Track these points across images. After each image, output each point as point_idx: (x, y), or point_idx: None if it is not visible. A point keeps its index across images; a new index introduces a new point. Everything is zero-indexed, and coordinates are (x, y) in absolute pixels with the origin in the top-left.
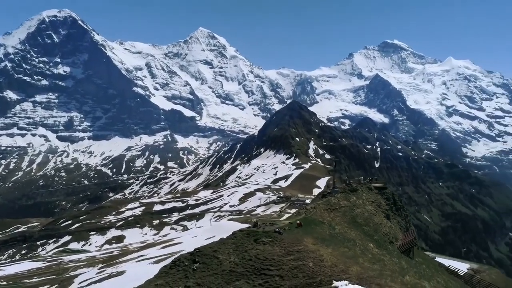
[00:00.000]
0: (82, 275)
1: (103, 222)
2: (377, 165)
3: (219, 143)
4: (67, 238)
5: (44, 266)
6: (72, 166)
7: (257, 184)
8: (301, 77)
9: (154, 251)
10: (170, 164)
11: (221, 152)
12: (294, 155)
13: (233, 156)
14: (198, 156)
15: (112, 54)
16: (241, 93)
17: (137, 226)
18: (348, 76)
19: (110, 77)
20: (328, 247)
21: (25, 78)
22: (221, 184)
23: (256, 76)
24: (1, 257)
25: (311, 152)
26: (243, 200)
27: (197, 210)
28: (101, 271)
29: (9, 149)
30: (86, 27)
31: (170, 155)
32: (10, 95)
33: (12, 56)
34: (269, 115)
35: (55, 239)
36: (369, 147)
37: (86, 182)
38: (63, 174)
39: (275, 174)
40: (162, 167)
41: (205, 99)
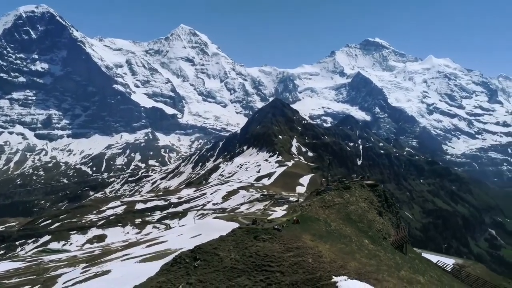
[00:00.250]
0: (66, 274)
1: (83, 221)
2: (359, 162)
3: (201, 141)
4: (46, 237)
5: (23, 266)
6: (50, 165)
7: (240, 182)
8: (283, 74)
9: (139, 250)
10: (151, 162)
11: (204, 150)
12: (277, 152)
13: (215, 154)
14: (180, 154)
15: (92, 50)
16: (223, 90)
17: (118, 225)
18: (330, 74)
19: (89, 74)
20: (325, 243)
21: (1, 74)
22: (204, 182)
23: (238, 73)
24: None
25: (294, 149)
26: (226, 198)
27: (179, 209)
28: (86, 270)
29: None
30: (64, 23)
31: (151, 153)
32: None
33: None
34: (251, 113)
35: (34, 238)
36: (351, 144)
37: (65, 181)
38: (41, 172)
39: (258, 172)
40: (143, 165)
41: (186, 96)
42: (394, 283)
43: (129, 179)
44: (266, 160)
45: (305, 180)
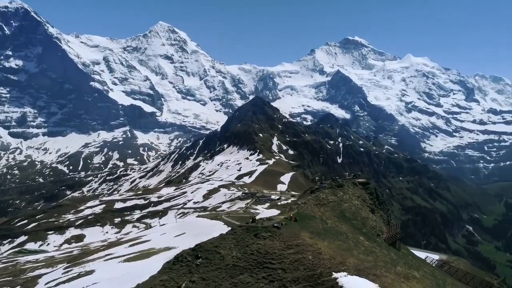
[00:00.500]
0: (47, 275)
1: (61, 221)
2: (339, 160)
3: (180, 139)
4: (23, 238)
5: None
6: (25, 164)
7: (221, 180)
8: (263, 72)
9: (122, 249)
10: (130, 160)
11: (183, 148)
12: (257, 151)
13: (195, 152)
14: (159, 153)
15: (68, 47)
16: (202, 88)
17: (97, 225)
18: (310, 72)
19: (65, 71)
20: (324, 240)
21: None
22: (184, 180)
23: (218, 71)
24: None
25: (274, 148)
26: (207, 196)
27: (160, 207)
28: (68, 270)
29: None
30: (39, 19)
31: (129, 151)
32: None
33: None
34: (231, 111)
35: (10, 239)
36: (331, 142)
37: (41, 180)
38: (16, 172)
39: (239, 170)
40: (122, 164)
41: (165, 94)
42: (392, 278)
43: (107, 178)
44: (247, 158)
45: (286, 178)
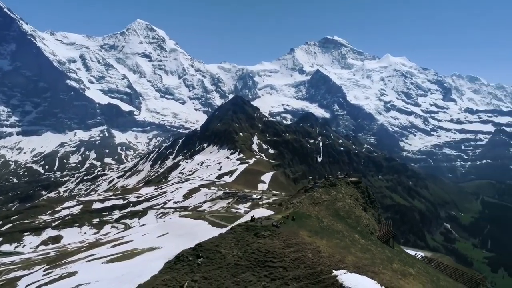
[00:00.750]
0: (26, 277)
1: (37, 222)
2: (319, 159)
3: (159, 138)
4: None
5: None
6: None
7: (202, 179)
8: (242, 71)
9: (104, 250)
10: (107, 160)
11: (162, 147)
12: (238, 150)
13: (175, 152)
14: (138, 152)
15: (43, 45)
16: (181, 87)
17: (75, 225)
18: (290, 71)
19: (40, 69)
20: (322, 239)
21: None
22: (164, 180)
23: (197, 70)
24: None
25: (255, 147)
26: (187, 196)
27: (139, 208)
28: (48, 272)
29: None
30: (13, 15)
31: (107, 151)
32: None
33: None
34: (210, 110)
35: None
36: (311, 141)
37: (15, 180)
38: None
39: (220, 170)
40: (99, 163)
41: (143, 93)
42: (390, 275)
43: (85, 178)
44: (227, 158)
45: (266, 177)
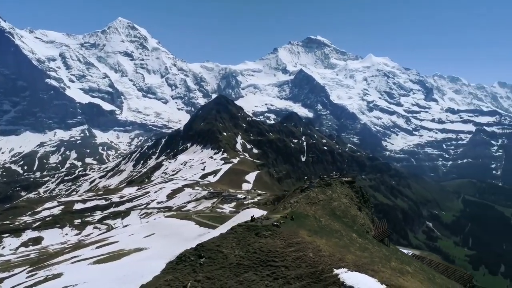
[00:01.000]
0: (8, 280)
1: (17, 223)
2: (303, 159)
3: (141, 138)
4: None
5: None
6: None
7: (185, 179)
8: (225, 71)
9: (89, 251)
10: (88, 160)
11: (145, 147)
12: (222, 149)
13: (158, 152)
14: (119, 152)
15: (21, 42)
16: (163, 86)
17: (56, 227)
18: (273, 71)
19: (19, 68)
20: (321, 238)
21: None
22: (147, 180)
23: (180, 69)
24: None
25: (239, 146)
26: (171, 196)
27: (122, 208)
28: (32, 274)
29: None
30: None
31: (88, 151)
32: None
33: None
34: (193, 109)
35: None
36: (295, 141)
37: None
38: None
39: (204, 169)
40: (80, 163)
41: (125, 92)
42: (389, 273)
43: (65, 178)
44: (211, 157)
45: (251, 177)
